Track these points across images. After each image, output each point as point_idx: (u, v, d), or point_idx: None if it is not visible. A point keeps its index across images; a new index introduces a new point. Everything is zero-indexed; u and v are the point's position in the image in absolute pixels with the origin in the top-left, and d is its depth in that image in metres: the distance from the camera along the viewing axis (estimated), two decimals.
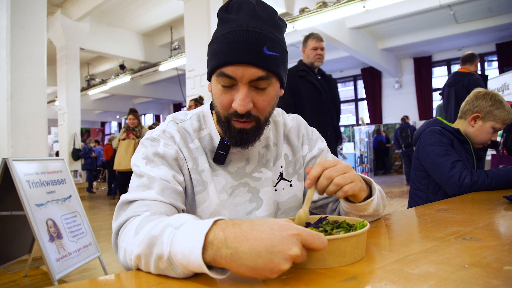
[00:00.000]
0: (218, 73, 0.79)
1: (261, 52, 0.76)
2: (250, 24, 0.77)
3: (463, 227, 0.83)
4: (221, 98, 0.81)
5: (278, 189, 0.97)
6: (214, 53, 0.80)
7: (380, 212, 0.94)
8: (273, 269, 0.49)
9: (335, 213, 1.01)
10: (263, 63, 0.77)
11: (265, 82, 0.79)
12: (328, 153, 1.05)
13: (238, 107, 0.78)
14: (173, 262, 0.55)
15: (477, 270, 0.54)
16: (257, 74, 0.77)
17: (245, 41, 0.76)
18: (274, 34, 0.80)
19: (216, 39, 0.81)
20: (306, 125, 1.07)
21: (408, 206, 1.98)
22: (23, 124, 3.36)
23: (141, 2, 7.51)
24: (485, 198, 1.33)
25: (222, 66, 0.78)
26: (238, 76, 0.77)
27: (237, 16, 0.79)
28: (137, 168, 0.83)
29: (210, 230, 0.53)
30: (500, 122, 1.75)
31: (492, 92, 1.79)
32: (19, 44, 3.36)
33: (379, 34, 9.78)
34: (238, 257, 0.50)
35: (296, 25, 6.05)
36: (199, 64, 4.89)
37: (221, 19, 0.82)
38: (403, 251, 0.66)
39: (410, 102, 11.89)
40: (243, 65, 0.76)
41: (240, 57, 0.76)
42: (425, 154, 1.77)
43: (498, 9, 7.78)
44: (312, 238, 0.52)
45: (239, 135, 0.83)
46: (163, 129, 0.89)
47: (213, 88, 0.84)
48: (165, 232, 0.58)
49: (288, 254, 0.49)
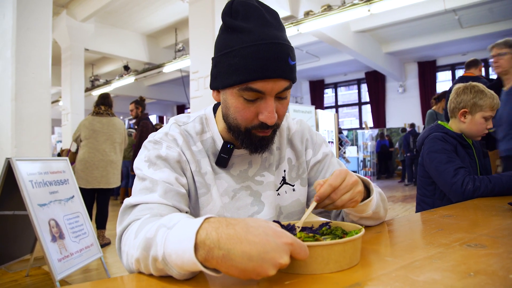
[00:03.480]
0: (243, 88, 0.77)
1: (288, 64, 0.77)
2: (269, 34, 0.76)
3: (468, 233, 0.82)
4: (244, 112, 0.80)
5: (280, 193, 0.97)
6: (237, 67, 0.76)
7: (381, 215, 0.94)
8: (260, 273, 0.50)
9: (339, 218, 1.01)
10: (289, 74, 0.78)
11: (288, 91, 0.81)
12: (332, 157, 1.05)
13: (268, 120, 0.78)
14: (168, 263, 0.55)
15: (483, 278, 0.53)
16: (284, 85, 0.78)
17: (274, 56, 0.75)
18: (289, 41, 0.80)
19: (234, 52, 0.77)
20: (311, 129, 1.07)
21: (416, 212, 1.96)
22: (27, 124, 3.37)
23: (146, 4, 7.54)
24: (489, 205, 1.32)
25: (249, 82, 0.76)
26: (268, 90, 0.77)
27: (248, 24, 0.77)
28: (140, 171, 0.82)
29: (201, 228, 0.53)
30: (489, 110, 1.75)
31: (470, 84, 1.80)
32: (24, 45, 3.37)
33: (383, 38, 9.77)
34: (229, 258, 0.50)
35: (300, 28, 6.05)
36: (203, 66, 4.89)
37: (230, 28, 0.79)
38: (407, 257, 0.65)
39: (414, 107, 11.86)
40: (272, 79, 0.76)
41: (272, 72, 0.75)
42: (428, 161, 1.77)
43: (503, 14, 7.76)
44: (303, 252, 0.53)
45: (260, 143, 0.84)
46: (165, 131, 0.89)
47: (231, 101, 0.81)
48: (158, 233, 0.58)
49: (278, 262, 0.50)
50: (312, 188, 1.02)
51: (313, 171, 1.03)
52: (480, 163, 1.85)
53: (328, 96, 14.11)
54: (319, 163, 1.02)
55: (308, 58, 10.90)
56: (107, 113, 4.00)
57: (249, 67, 0.75)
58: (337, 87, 13.78)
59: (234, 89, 0.79)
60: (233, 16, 0.79)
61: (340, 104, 13.72)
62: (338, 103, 13.74)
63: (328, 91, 14.12)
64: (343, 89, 14.07)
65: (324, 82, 13.83)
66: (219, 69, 0.81)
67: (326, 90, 14.00)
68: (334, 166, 1.03)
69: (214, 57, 0.84)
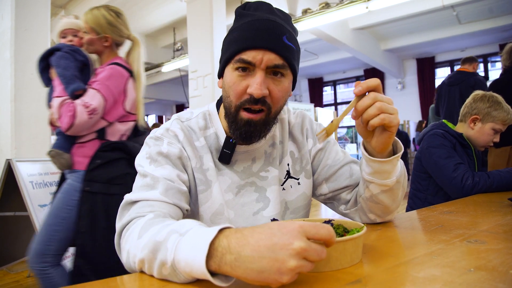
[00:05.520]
0: (236, 60, 0.80)
1: (281, 41, 0.79)
2: (270, 16, 0.81)
3: (467, 229, 0.82)
4: (235, 86, 0.82)
5: (286, 188, 0.96)
6: (232, 41, 0.82)
7: (401, 192, 0.89)
8: (280, 269, 0.47)
9: (348, 204, 0.98)
10: (282, 51, 0.79)
11: (281, 70, 0.81)
12: (335, 145, 1.04)
13: (254, 91, 0.79)
14: (177, 269, 0.54)
15: (483, 273, 0.54)
16: (275, 61, 0.79)
17: (266, 28, 0.79)
18: (291, 30, 0.83)
19: (234, 29, 0.84)
20: (311, 120, 1.06)
21: (407, 206, 2.00)
22: (26, 125, 3.37)
23: (144, 4, 7.52)
24: (489, 201, 1.33)
25: (241, 52, 0.79)
26: (257, 61, 0.79)
27: (255, 12, 0.83)
28: (141, 168, 0.82)
29: (216, 238, 0.52)
30: (500, 123, 1.75)
31: (490, 93, 1.80)
32: (23, 46, 3.37)
33: (381, 35, 9.75)
34: (242, 261, 0.49)
35: (298, 26, 6.03)
36: (202, 65, 4.89)
37: (239, 15, 0.86)
38: (408, 254, 0.65)
39: (413, 103, 11.84)
40: (262, 50, 0.78)
41: (261, 42, 0.78)
42: (427, 156, 1.78)
43: (501, 9, 7.75)
44: (315, 228, 0.50)
45: (245, 127, 0.83)
46: (166, 127, 0.89)
47: (227, 77, 0.84)
48: (170, 239, 0.57)
49: (291, 249, 0.47)
50: (316, 177, 1.02)
51: (316, 160, 1.02)
52: (479, 163, 1.86)
53: (327, 94, 14.09)
54: (321, 150, 1.02)
55: (307, 56, 10.88)
56: None
57: (242, 38, 0.80)
58: (336, 84, 13.75)
59: (230, 65, 0.83)
60: (245, 8, 0.86)
61: (339, 101, 13.70)
62: (337, 101, 13.72)
63: (327, 88, 14.10)
64: (342, 86, 14.04)
65: (323, 80, 13.81)
66: (222, 52, 0.87)
67: (325, 88, 13.98)
68: (337, 152, 1.02)
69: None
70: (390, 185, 0.84)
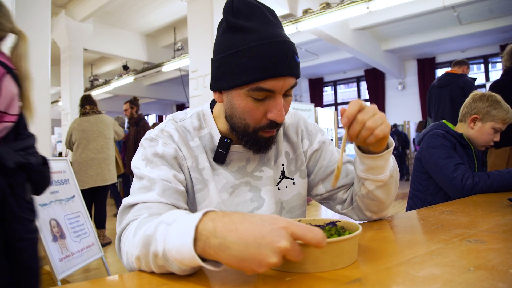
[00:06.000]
0: (253, 88, 0.76)
1: (295, 61, 0.78)
2: (274, 33, 0.76)
3: (467, 229, 0.82)
4: (253, 112, 0.80)
5: (281, 188, 0.97)
6: (245, 67, 0.75)
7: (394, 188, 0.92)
8: (261, 262, 0.49)
9: (345, 203, 0.99)
10: (296, 72, 0.78)
11: (293, 88, 0.81)
12: (330, 145, 1.05)
13: (278, 118, 0.78)
14: (168, 259, 0.55)
15: (483, 273, 0.54)
16: (291, 83, 0.78)
17: (283, 54, 0.75)
18: (290, 39, 0.80)
19: (241, 51, 0.76)
20: (306, 120, 1.07)
21: (407, 206, 2.00)
22: None
23: (144, 3, 7.52)
24: (489, 201, 1.33)
25: (260, 81, 0.75)
26: (278, 88, 0.77)
27: (251, 23, 0.76)
28: (138, 170, 0.82)
29: (200, 222, 0.53)
30: (500, 122, 1.75)
31: (489, 93, 1.81)
32: None
33: (382, 35, 9.75)
34: (226, 246, 0.50)
35: (299, 26, 6.04)
36: (202, 65, 4.89)
37: (234, 27, 0.78)
38: (407, 253, 0.65)
39: (413, 104, 11.84)
40: (282, 78, 0.76)
41: (283, 70, 0.75)
42: (427, 156, 1.78)
43: (502, 10, 7.75)
44: (301, 231, 0.51)
45: (265, 143, 0.85)
46: (161, 128, 0.89)
47: (239, 101, 0.80)
48: (158, 230, 0.58)
49: (276, 247, 0.48)
50: (312, 178, 1.02)
51: (311, 161, 1.03)
52: (479, 163, 1.86)
53: (328, 94, 14.09)
54: (316, 151, 1.02)
55: (307, 56, 10.87)
56: (93, 111, 3.99)
57: (260, 66, 0.74)
58: (336, 85, 13.76)
59: (242, 90, 0.78)
60: (235, 15, 0.79)
61: (340, 101, 13.70)
62: (337, 101, 13.72)
63: (328, 89, 14.10)
64: (343, 86, 14.04)
65: (323, 80, 13.81)
66: (224, 70, 0.79)
67: (325, 88, 13.98)
68: (332, 153, 1.02)
69: (215, 58, 0.82)
70: (384, 180, 0.87)
